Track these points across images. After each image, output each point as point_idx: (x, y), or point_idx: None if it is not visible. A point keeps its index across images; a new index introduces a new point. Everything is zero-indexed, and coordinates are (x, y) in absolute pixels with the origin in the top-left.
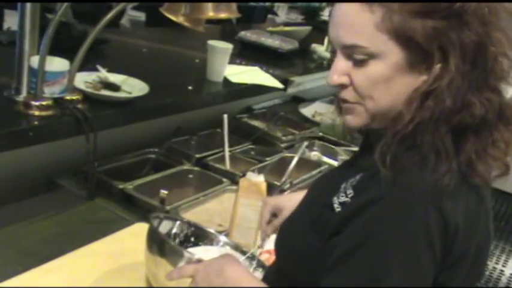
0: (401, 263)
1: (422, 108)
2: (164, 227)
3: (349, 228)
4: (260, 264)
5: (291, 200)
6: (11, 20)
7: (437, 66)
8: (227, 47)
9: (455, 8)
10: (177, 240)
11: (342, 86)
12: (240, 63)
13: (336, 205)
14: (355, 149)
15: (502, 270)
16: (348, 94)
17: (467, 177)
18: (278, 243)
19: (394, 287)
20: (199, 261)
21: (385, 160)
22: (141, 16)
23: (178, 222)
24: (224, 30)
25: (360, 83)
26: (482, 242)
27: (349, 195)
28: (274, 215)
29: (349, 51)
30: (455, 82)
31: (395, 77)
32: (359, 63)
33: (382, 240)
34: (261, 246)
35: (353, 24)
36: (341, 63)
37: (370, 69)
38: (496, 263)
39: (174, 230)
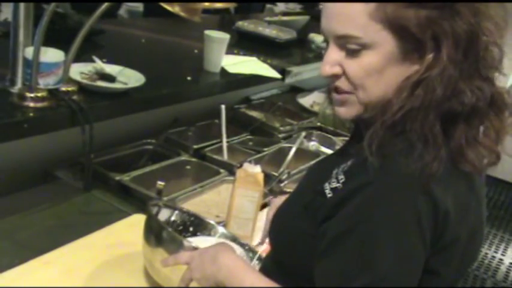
0: (391, 246)
1: (412, 97)
2: (162, 215)
3: (340, 213)
4: (258, 257)
5: None
6: (9, 11)
7: (430, 56)
8: (224, 37)
9: None
10: (176, 229)
11: (335, 76)
12: (238, 54)
13: (327, 191)
14: None
15: (501, 259)
16: (341, 83)
17: (457, 164)
18: (272, 230)
19: (385, 271)
20: (195, 249)
21: (372, 147)
22: (139, 6)
23: (176, 211)
24: (223, 20)
25: (353, 73)
26: (474, 228)
27: (341, 181)
28: None
29: (342, 41)
30: (447, 71)
31: (387, 67)
32: (352, 54)
33: (372, 224)
34: (261, 243)
35: (347, 14)
36: (333, 54)
37: (363, 59)
38: (495, 252)
39: (172, 218)
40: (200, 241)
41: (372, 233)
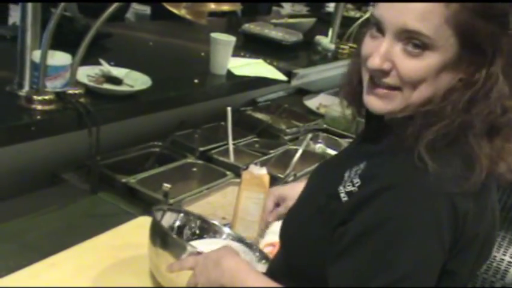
0: (411, 249)
1: (465, 110)
2: (168, 219)
3: (359, 217)
4: (264, 257)
5: (294, 189)
6: (17, 15)
7: (486, 70)
8: (230, 39)
9: (509, 15)
10: (182, 233)
11: (383, 72)
12: (244, 56)
13: (342, 194)
14: None
15: (510, 262)
16: (390, 79)
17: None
18: (283, 232)
19: (403, 272)
20: (199, 253)
21: (423, 149)
22: (146, 9)
23: (181, 214)
24: (229, 22)
25: (407, 71)
26: (490, 228)
27: (356, 185)
28: (278, 204)
29: (405, 36)
30: (499, 86)
31: (442, 73)
32: (412, 52)
33: (392, 228)
34: (261, 236)
35: (424, 11)
36: (388, 47)
37: (423, 59)
38: (504, 254)
39: (177, 223)
40: (207, 243)
41: (392, 236)
